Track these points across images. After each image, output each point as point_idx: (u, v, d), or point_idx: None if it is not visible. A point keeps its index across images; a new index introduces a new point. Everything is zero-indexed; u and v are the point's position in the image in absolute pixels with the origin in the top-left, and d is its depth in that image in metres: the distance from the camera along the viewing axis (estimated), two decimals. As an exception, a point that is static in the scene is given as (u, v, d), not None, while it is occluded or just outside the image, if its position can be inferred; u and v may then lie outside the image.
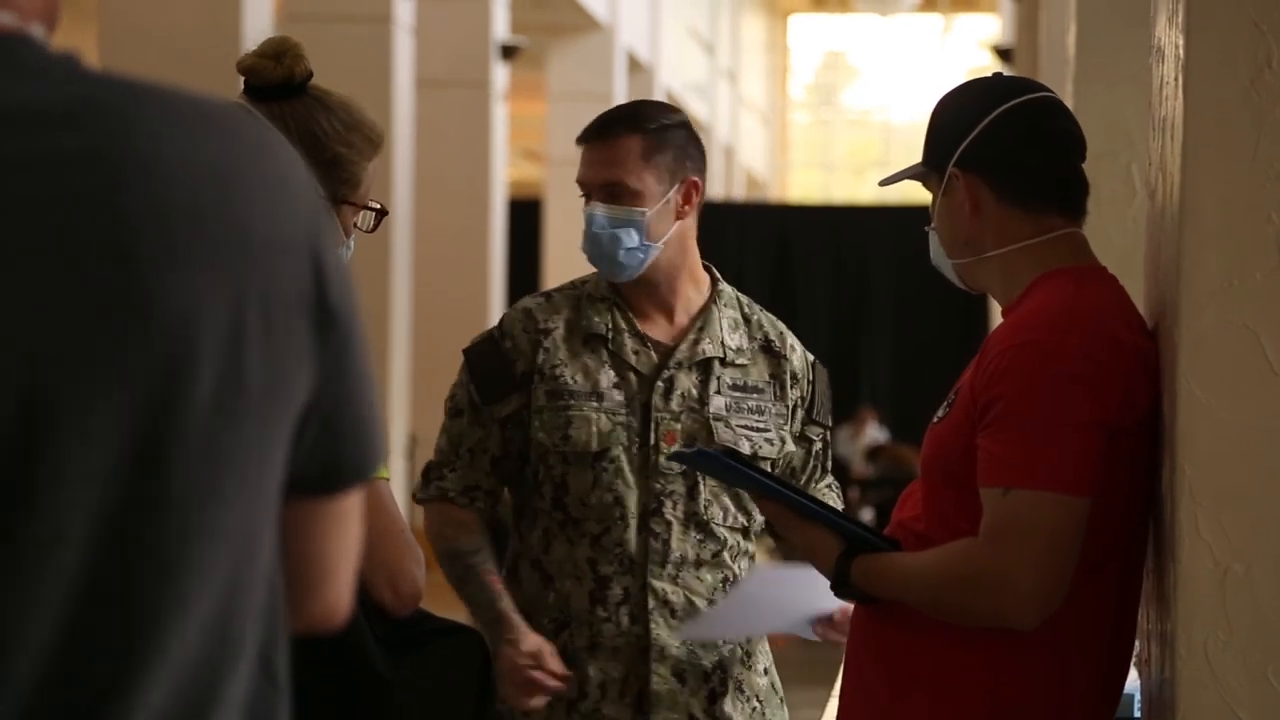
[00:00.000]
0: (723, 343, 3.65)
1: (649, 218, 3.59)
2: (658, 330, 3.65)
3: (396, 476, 12.55)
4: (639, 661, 3.55)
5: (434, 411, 3.44)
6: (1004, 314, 2.95)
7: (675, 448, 3.54)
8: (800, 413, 3.70)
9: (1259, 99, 2.57)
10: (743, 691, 3.65)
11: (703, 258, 3.72)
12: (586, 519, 3.55)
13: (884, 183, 3.21)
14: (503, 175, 15.90)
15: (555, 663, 3.44)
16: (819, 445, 3.74)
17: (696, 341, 3.64)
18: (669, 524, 3.56)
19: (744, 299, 3.75)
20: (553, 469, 3.57)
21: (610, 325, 3.62)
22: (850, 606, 3.46)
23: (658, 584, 3.55)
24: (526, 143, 25.21)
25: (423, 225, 14.21)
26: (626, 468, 3.55)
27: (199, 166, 1.43)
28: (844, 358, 23.31)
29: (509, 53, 15.58)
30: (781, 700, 3.74)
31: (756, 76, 37.86)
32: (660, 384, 3.59)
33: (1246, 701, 2.54)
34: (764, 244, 20.90)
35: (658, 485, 3.56)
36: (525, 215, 21.05)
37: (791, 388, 3.69)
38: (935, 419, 2.96)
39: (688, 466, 3.43)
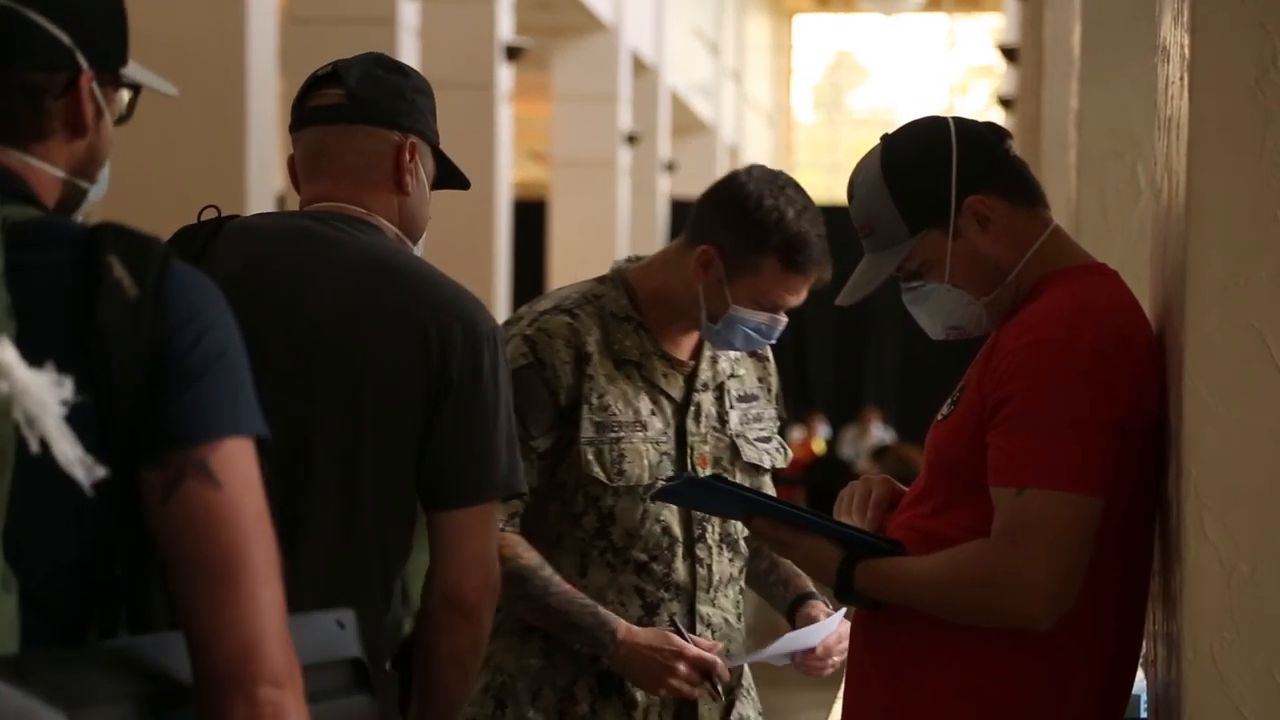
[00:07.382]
0: (728, 356, 3.62)
1: None
2: (676, 348, 3.57)
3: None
4: None
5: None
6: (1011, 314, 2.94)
7: (661, 483, 3.44)
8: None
9: (1264, 98, 2.56)
10: (749, 691, 3.66)
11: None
12: (632, 547, 3.48)
13: (847, 301, 3.17)
14: (508, 177, 15.90)
15: (701, 649, 3.45)
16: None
17: (715, 360, 3.59)
18: (710, 549, 3.52)
19: None
20: (600, 500, 3.46)
21: (640, 349, 3.51)
22: (834, 640, 3.48)
23: (703, 608, 3.52)
24: (531, 144, 25.20)
25: (427, 227, 14.20)
26: None
27: None
28: (850, 358, 23.32)
29: (513, 54, 15.57)
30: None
31: (761, 77, 37.85)
32: (692, 408, 3.54)
33: (1252, 702, 2.53)
34: (769, 245, 20.86)
35: (698, 512, 3.50)
36: (530, 217, 21.04)
37: (773, 386, 3.69)
38: (940, 416, 2.94)
39: (671, 501, 3.37)
